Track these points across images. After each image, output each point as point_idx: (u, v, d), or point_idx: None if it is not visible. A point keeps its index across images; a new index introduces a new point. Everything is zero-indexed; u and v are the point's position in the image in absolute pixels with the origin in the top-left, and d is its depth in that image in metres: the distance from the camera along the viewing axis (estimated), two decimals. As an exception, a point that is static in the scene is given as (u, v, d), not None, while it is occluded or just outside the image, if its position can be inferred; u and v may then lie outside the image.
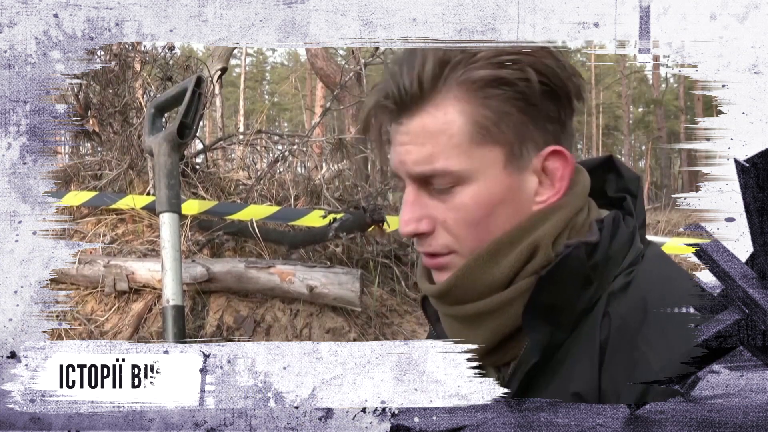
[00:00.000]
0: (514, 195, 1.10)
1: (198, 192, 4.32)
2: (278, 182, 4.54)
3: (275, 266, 3.62)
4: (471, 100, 1.07)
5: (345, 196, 4.61)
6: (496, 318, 1.11)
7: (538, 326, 1.09)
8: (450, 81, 1.07)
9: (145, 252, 3.99)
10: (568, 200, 1.12)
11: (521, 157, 1.09)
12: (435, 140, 1.08)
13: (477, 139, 1.07)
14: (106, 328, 3.68)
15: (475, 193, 1.08)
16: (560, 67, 1.08)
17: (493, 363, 1.18)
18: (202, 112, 3.35)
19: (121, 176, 4.41)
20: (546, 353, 1.09)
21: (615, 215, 1.14)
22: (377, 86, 1.13)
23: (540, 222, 1.11)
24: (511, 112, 1.07)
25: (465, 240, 1.11)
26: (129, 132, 4.54)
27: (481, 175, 1.08)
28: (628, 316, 1.05)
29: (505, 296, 1.10)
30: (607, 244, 1.10)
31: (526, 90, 1.06)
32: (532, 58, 1.06)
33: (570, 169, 1.12)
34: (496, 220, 1.10)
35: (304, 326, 3.59)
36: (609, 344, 1.05)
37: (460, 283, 1.12)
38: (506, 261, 1.10)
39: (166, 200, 3.09)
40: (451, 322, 1.18)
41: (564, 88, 1.09)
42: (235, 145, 5.23)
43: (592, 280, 1.09)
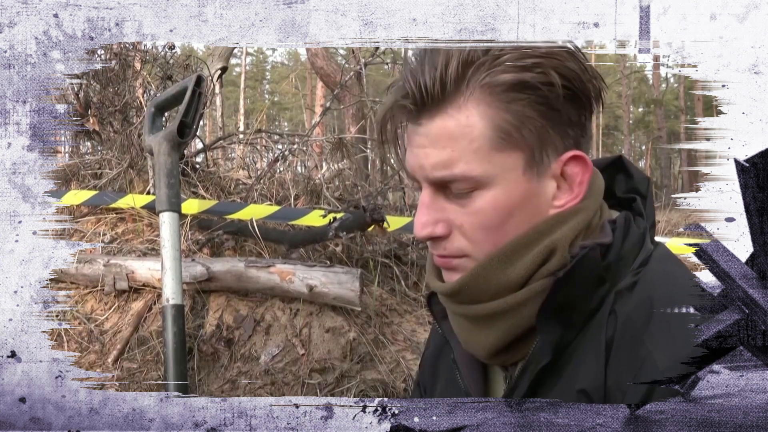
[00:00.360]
0: (533, 200, 1.10)
1: (198, 191, 4.32)
2: (278, 181, 4.54)
3: (275, 265, 3.62)
4: (493, 103, 1.05)
5: (345, 195, 4.61)
6: (509, 318, 1.11)
7: (552, 327, 1.09)
8: (473, 83, 1.05)
9: (145, 251, 3.99)
10: (586, 204, 1.12)
11: (541, 162, 1.08)
12: (455, 144, 1.06)
13: (498, 144, 1.06)
14: (105, 327, 3.68)
15: (494, 198, 1.08)
16: (582, 70, 1.07)
17: (500, 363, 1.18)
18: (202, 111, 3.35)
19: (121, 175, 4.40)
20: (555, 353, 1.09)
21: (626, 216, 1.14)
22: (395, 84, 1.11)
23: (558, 225, 1.10)
24: (533, 116, 1.06)
25: (481, 244, 1.10)
26: (129, 131, 4.54)
27: (501, 180, 1.07)
28: (634, 315, 1.05)
29: (520, 297, 1.10)
30: (619, 244, 1.11)
31: (549, 95, 1.05)
32: (556, 62, 1.05)
33: (589, 174, 1.11)
34: (512, 225, 1.09)
35: (303, 325, 3.59)
36: (614, 342, 1.05)
37: (474, 283, 1.11)
38: (522, 263, 1.10)
39: (166, 199, 3.09)
40: (461, 321, 1.17)
41: (585, 91, 1.08)
42: (235, 145, 5.22)
43: (605, 281, 1.09)
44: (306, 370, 3.46)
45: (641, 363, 1.01)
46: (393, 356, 3.58)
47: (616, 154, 1.24)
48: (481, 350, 1.16)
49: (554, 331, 1.09)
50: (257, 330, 3.62)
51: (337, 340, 3.54)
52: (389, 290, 4.05)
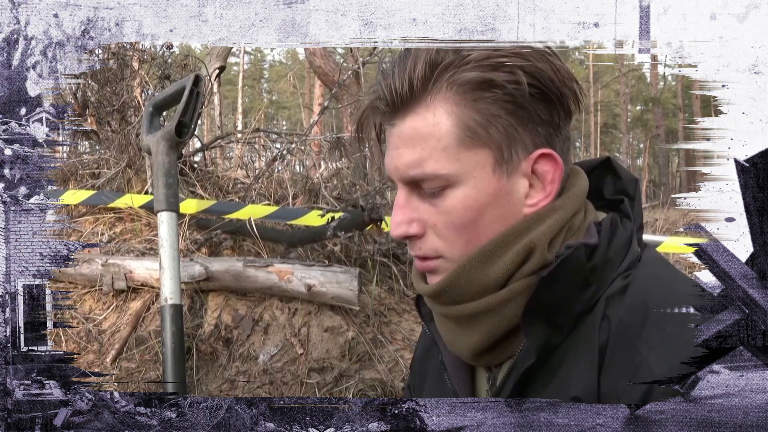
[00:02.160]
0: (504, 198, 1.10)
1: (196, 191, 4.32)
2: (276, 181, 4.54)
3: (273, 265, 3.62)
4: (460, 102, 1.07)
5: (343, 194, 4.61)
6: (491, 318, 1.12)
7: (537, 326, 1.09)
8: (440, 83, 1.07)
9: (143, 251, 3.99)
10: (563, 202, 1.12)
11: (510, 160, 1.09)
12: (425, 143, 1.08)
13: (466, 142, 1.08)
14: (104, 326, 3.68)
15: (465, 196, 1.09)
16: (554, 71, 1.08)
17: (485, 364, 1.19)
18: (201, 110, 3.35)
19: (119, 175, 4.40)
20: (542, 355, 1.10)
21: (613, 218, 1.14)
22: (371, 88, 1.14)
23: (535, 224, 1.11)
24: (500, 114, 1.07)
25: (454, 243, 1.11)
26: (127, 130, 4.54)
27: (470, 178, 1.09)
28: (627, 319, 1.05)
29: (500, 297, 1.11)
30: (605, 247, 1.11)
31: (516, 93, 1.06)
32: (524, 61, 1.06)
33: (560, 172, 1.12)
34: (485, 224, 1.10)
35: (302, 325, 3.59)
36: (608, 347, 1.05)
37: (455, 284, 1.12)
38: (501, 262, 1.10)
39: (164, 199, 3.09)
40: (445, 322, 1.18)
41: (556, 91, 1.08)
42: (233, 144, 5.22)
43: (590, 282, 1.10)
44: (304, 369, 3.47)
45: (636, 368, 1.01)
46: (391, 355, 3.58)
47: (604, 156, 1.24)
48: (465, 351, 1.16)
49: (539, 331, 1.09)
50: (256, 329, 3.62)
51: (336, 339, 3.54)
52: (388, 289, 4.05)
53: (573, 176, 1.16)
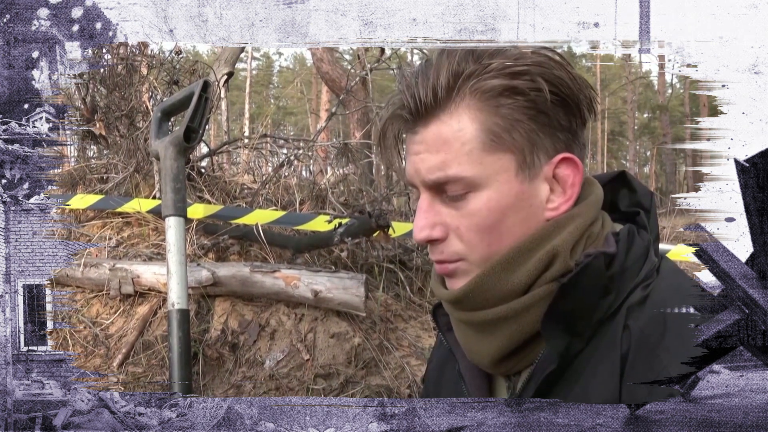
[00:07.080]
0: (526, 202, 1.12)
1: (203, 196, 4.33)
2: (283, 186, 4.55)
3: (280, 270, 3.62)
4: (483, 108, 1.10)
5: (350, 200, 4.61)
6: (512, 324, 1.13)
7: (557, 333, 1.10)
8: (463, 90, 1.10)
9: (150, 255, 4.00)
10: (582, 210, 1.14)
11: (532, 164, 1.11)
12: (448, 147, 1.10)
13: (489, 147, 1.10)
14: (111, 331, 3.69)
15: (488, 199, 1.11)
16: (571, 79, 1.10)
17: (504, 372, 1.19)
18: (209, 116, 3.36)
19: (127, 180, 4.42)
20: (562, 362, 1.11)
21: (630, 229, 1.16)
22: (392, 98, 1.16)
23: (556, 230, 1.12)
24: (522, 120, 1.09)
25: (476, 247, 1.13)
26: (135, 136, 4.56)
27: (493, 181, 1.10)
28: (647, 329, 1.07)
29: (523, 302, 1.12)
30: (623, 256, 1.12)
31: (537, 99, 1.09)
32: (543, 70, 1.09)
33: (580, 177, 1.14)
34: (507, 227, 1.12)
35: (308, 331, 3.60)
36: (629, 356, 1.07)
37: (478, 290, 1.13)
38: (524, 268, 1.12)
39: (171, 204, 3.10)
40: (465, 329, 1.19)
41: (574, 98, 1.11)
42: (240, 149, 5.24)
43: (610, 290, 1.11)
44: (310, 375, 3.47)
45: (657, 376, 1.03)
46: (397, 362, 3.58)
47: (619, 170, 1.25)
48: (485, 358, 1.17)
49: (559, 337, 1.10)
50: (262, 335, 3.63)
51: (342, 345, 3.54)
52: (394, 296, 4.05)
53: (588, 185, 1.18)
